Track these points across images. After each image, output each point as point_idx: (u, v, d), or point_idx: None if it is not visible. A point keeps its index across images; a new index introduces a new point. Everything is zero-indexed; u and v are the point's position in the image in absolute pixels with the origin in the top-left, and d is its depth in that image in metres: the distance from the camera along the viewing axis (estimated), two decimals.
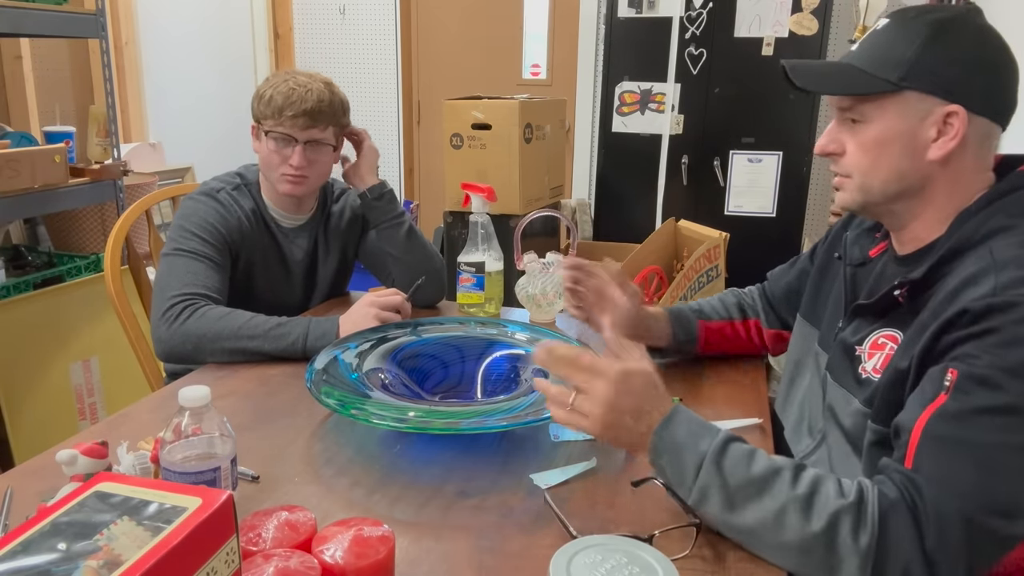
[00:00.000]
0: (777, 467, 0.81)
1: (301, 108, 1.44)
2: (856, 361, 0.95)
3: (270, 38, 4.04)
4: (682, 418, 0.85)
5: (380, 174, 1.65)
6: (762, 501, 0.79)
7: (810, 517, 0.77)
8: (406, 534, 0.85)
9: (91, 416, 2.38)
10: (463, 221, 2.95)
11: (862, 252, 1.05)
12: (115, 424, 1.12)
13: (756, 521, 0.79)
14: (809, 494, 0.78)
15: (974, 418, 0.75)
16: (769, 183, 3.16)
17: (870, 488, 0.78)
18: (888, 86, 0.88)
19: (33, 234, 2.63)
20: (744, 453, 0.82)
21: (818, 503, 0.77)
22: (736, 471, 0.80)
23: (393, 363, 1.21)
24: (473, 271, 1.58)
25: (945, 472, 0.75)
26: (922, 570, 0.73)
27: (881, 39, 0.91)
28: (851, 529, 0.75)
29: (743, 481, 0.80)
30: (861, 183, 0.93)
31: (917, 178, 0.90)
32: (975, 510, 0.73)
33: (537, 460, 1.02)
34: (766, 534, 0.79)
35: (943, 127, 0.87)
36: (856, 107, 0.91)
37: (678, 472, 0.83)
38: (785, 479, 0.79)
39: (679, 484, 0.84)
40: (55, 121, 2.67)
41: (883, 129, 0.89)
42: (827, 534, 0.76)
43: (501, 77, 3.98)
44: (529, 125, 2.87)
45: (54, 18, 2.18)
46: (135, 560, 0.50)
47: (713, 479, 0.81)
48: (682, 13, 3.09)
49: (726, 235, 2.57)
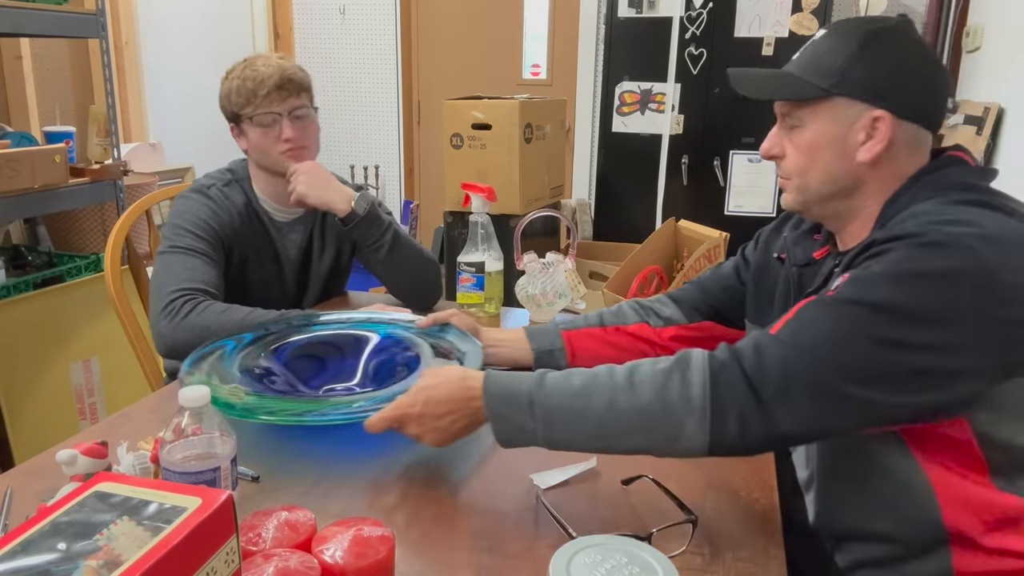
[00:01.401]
0: (594, 371, 0.88)
1: (272, 84, 1.45)
2: None
3: (270, 38, 4.04)
4: (496, 376, 0.91)
5: (381, 175, 1.64)
6: (592, 401, 0.85)
7: (636, 393, 0.84)
8: (406, 534, 0.85)
9: (91, 416, 2.38)
10: (463, 221, 2.95)
11: (805, 253, 1.07)
12: (115, 424, 1.12)
13: (597, 421, 0.85)
14: (628, 373, 0.86)
15: (844, 305, 0.81)
16: (769, 183, 3.16)
17: (698, 354, 0.84)
18: (820, 92, 0.93)
19: (33, 234, 2.63)
20: (561, 375, 0.89)
21: (638, 379, 0.84)
22: (561, 389, 0.87)
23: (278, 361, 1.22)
24: (473, 271, 1.58)
25: (801, 338, 0.81)
26: (759, 418, 0.79)
27: (818, 48, 0.96)
28: (678, 389, 0.82)
29: (570, 393, 0.86)
30: (799, 184, 0.98)
31: (849, 179, 0.94)
32: (822, 370, 0.79)
33: (537, 460, 1.02)
34: (610, 429, 0.85)
35: (871, 131, 0.91)
36: (793, 112, 0.96)
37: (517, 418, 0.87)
38: (602, 375, 0.87)
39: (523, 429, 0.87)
40: (55, 121, 2.67)
41: (816, 133, 0.94)
42: (658, 400, 0.82)
43: (501, 77, 3.98)
44: (529, 125, 2.87)
45: (54, 18, 2.18)
46: (135, 560, 0.50)
47: (545, 405, 0.86)
48: (682, 13, 3.09)
49: (726, 235, 2.57)
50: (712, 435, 0.81)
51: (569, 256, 1.62)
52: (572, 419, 0.86)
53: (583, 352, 1.23)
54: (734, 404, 0.80)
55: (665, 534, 0.82)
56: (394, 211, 4.11)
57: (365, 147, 4.19)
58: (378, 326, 1.32)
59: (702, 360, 0.83)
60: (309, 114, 1.52)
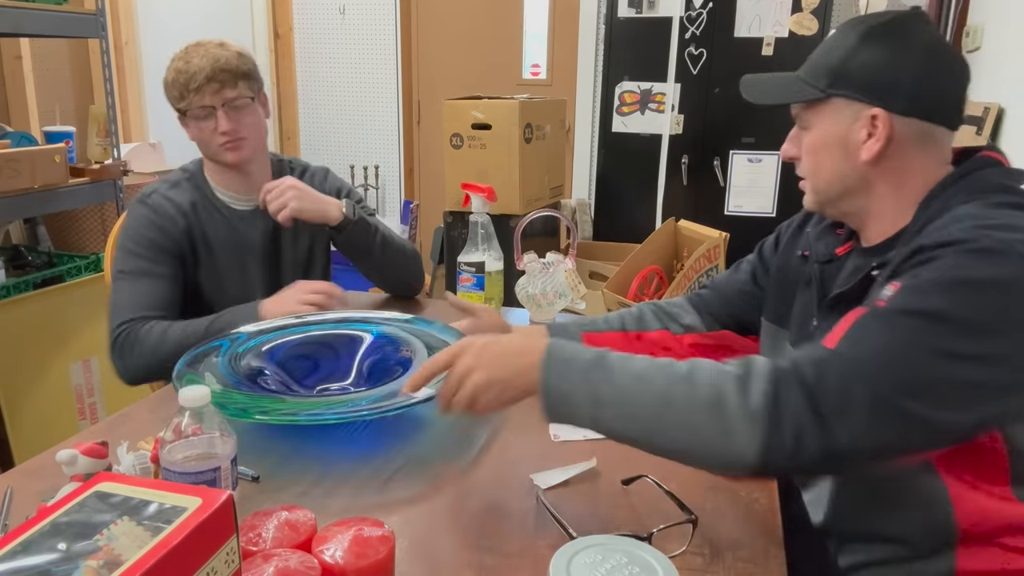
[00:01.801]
0: (654, 359, 0.85)
1: (202, 77, 1.42)
2: None
3: (270, 38, 4.04)
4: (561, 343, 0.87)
5: (381, 175, 1.64)
6: (648, 388, 0.81)
7: (695, 388, 0.79)
8: (406, 534, 0.85)
9: (91, 416, 2.38)
10: (463, 221, 2.95)
11: (828, 249, 1.06)
12: (115, 424, 1.12)
13: (653, 404, 0.80)
14: (689, 368, 0.82)
15: (900, 317, 0.79)
16: (769, 183, 3.16)
17: (761, 361, 0.81)
18: (818, 93, 0.93)
19: (33, 234, 2.62)
20: (623, 355, 0.85)
21: (699, 375, 0.81)
22: (622, 367, 0.83)
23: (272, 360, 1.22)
24: (473, 271, 1.58)
25: (862, 351, 0.78)
26: (816, 433, 0.75)
27: (822, 48, 0.96)
28: (737, 394, 0.78)
29: (630, 374, 0.82)
30: (812, 185, 0.99)
31: (856, 178, 0.94)
32: (886, 388, 0.75)
33: (537, 460, 1.02)
34: (660, 419, 0.80)
35: (871, 129, 0.91)
36: (801, 115, 0.97)
37: (568, 381, 0.83)
38: (663, 363, 0.83)
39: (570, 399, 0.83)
40: (55, 121, 2.67)
41: (820, 134, 0.95)
42: (715, 401, 0.78)
43: (501, 77, 3.98)
44: (529, 125, 2.87)
45: (54, 18, 2.18)
46: (135, 560, 0.50)
47: (600, 378, 0.82)
48: (682, 13, 3.09)
49: (726, 235, 2.57)
50: (765, 446, 0.76)
51: (569, 256, 1.61)
52: (625, 400, 0.81)
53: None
54: (791, 416, 0.76)
55: (665, 534, 0.82)
56: (394, 211, 4.11)
57: (365, 147, 4.19)
58: (371, 325, 1.32)
59: (765, 368, 0.80)
60: (246, 104, 1.47)
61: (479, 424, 1.13)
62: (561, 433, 1.08)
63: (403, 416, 1.15)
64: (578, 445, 1.06)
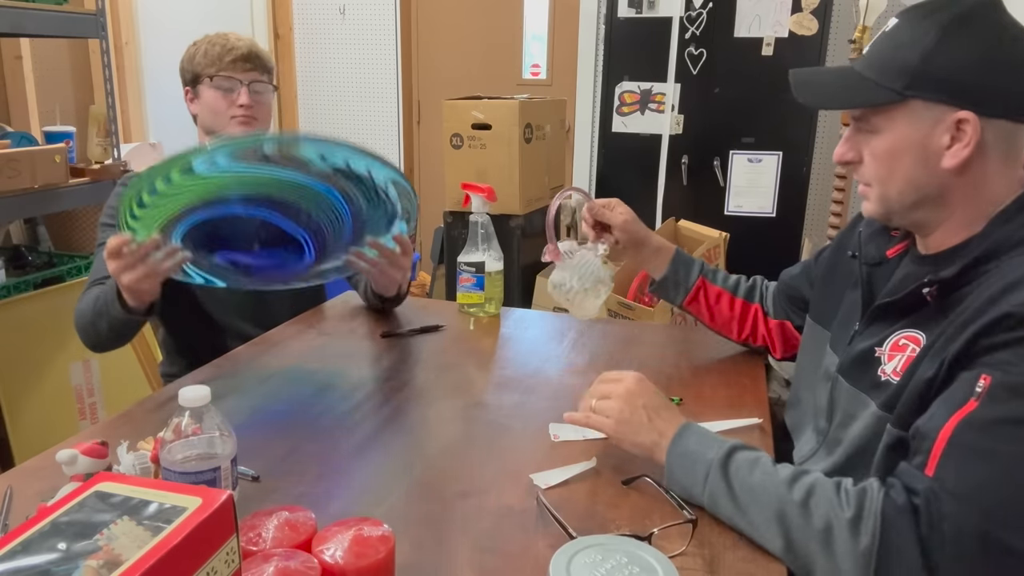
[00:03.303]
0: (776, 473, 0.83)
1: (240, 53, 1.55)
2: (875, 363, 0.92)
3: (270, 38, 4.04)
4: (692, 430, 0.92)
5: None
6: (762, 505, 0.82)
7: (809, 520, 0.78)
8: (406, 534, 0.85)
9: (91, 416, 2.38)
10: (463, 221, 2.95)
11: (878, 251, 1.02)
12: (115, 424, 1.12)
13: (760, 523, 0.82)
14: (805, 498, 0.80)
15: (1004, 428, 0.73)
16: (769, 183, 3.16)
17: (875, 492, 0.77)
18: (893, 96, 0.85)
19: (33, 234, 2.62)
20: (748, 461, 0.86)
21: (815, 507, 0.79)
22: (739, 476, 0.85)
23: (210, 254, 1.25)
24: (473, 271, 1.58)
25: (969, 484, 0.73)
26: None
27: (888, 42, 0.88)
28: (848, 533, 0.76)
29: (744, 486, 0.84)
30: (880, 193, 0.91)
31: (934, 187, 0.87)
32: (995, 525, 0.71)
33: (537, 460, 1.02)
34: (770, 536, 0.81)
35: (956, 134, 0.83)
36: (866, 117, 0.89)
37: (690, 478, 0.89)
38: (783, 484, 0.81)
39: (691, 488, 0.89)
40: (55, 121, 2.67)
41: (894, 140, 0.87)
42: (824, 537, 0.77)
43: (501, 77, 3.98)
44: (529, 125, 2.87)
45: (54, 18, 2.17)
46: (135, 560, 0.50)
47: (719, 485, 0.86)
48: (682, 13, 3.09)
49: (726, 235, 2.57)
50: None
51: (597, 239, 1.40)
52: (736, 508, 0.84)
53: (701, 303, 1.33)
54: (899, 563, 0.73)
55: (665, 534, 0.82)
56: None
57: None
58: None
59: (877, 508, 0.75)
60: (267, 91, 1.60)
61: (479, 424, 1.13)
62: (561, 433, 1.08)
63: (403, 417, 1.15)
64: (578, 445, 1.06)
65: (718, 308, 1.33)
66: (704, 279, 1.32)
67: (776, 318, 1.30)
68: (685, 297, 1.32)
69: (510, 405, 1.19)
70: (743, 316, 1.32)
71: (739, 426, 1.10)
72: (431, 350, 1.43)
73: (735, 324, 1.33)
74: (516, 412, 1.17)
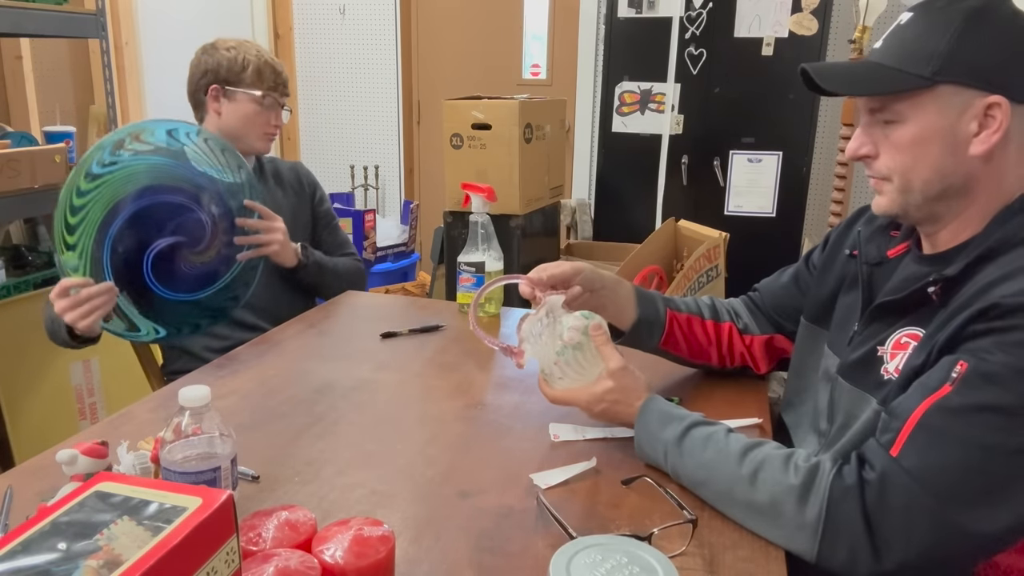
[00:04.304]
0: (728, 448, 0.90)
1: (284, 79, 1.71)
2: (878, 363, 0.92)
3: (270, 38, 4.04)
4: (651, 409, 0.99)
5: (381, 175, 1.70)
6: (714, 480, 0.89)
7: (755, 494, 0.85)
8: (406, 534, 0.85)
9: (91, 416, 2.38)
10: (463, 221, 2.95)
11: (879, 251, 1.01)
12: (115, 424, 1.12)
13: (716, 496, 0.90)
14: (754, 472, 0.86)
15: (974, 415, 0.75)
16: (769, 183, 3.16)
17: (827, 466, 0.82)
18: (921, 82, 0.83)
19: (33, 234, 2.62)
20: (702, 438, 0.93)
21: (761, 482, 0.84)
22: (693, 455, 0.92)
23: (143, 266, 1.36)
24: (473, 271, 1.58)
25: (930, 467, 0.76)
26: (869, 553, 0.77)
27: (908, 33, 0.87)
28: (796, 505, 0.81)
29: (698, 464, 0.91)
30: (902, 184, 0.89)
31: (960, 175, 0.86)
32: (952, 508, 0.74)
33: (537, 460, 1.02)
34: (727, 507, 0.89)
35: (984, 120, 0.83)
36: (889, 107, 0.87)
37: (655, 456, 0.97)
38: (732, 459, 0.88)
39: (655, 461, 0.98)
40: (55, 121, 2.67)
41: (920, 127, 0.85)
42: (771, 510, 0.83)
43: (501, 77, 3.98)
44: (529, 125, 2.87)
45: (54, 18, 2.17)
46: (135, 560, 0.50)
47: (677, 461, 0.94)
48: (682, 13, 3.09)
49: (726, 235, 2.57)
50: (820, 555, 0.79)
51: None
52: (693, 483, 0.92)
53: (678, 336, 1.23)
54: (846, 536, 0.77)
55: (665, 534, 0.82)
56: (394, 211, 4.11)
57: (365, 147, 4.19)
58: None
59: (825, 482, 0.80)
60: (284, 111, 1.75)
61: (479, 424, 1.13)
62: (561, 433, 1.08)
63: (403, 417, 1.15)
64: (578, 445, 1.06)
65: (693, 336, 1.23)
66: (670, 310, 1.21)
67: (762, 333, 1.23)
68: (661, 336, 1.20)
69: (510, 405, 1.19)
70: (718, 338, 1.24)
71: (739, 426, 1.09)
72: (431, 350, 1.43)
73: (713, 349, 1.24)
74: (516, 412, 1.17)
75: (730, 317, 1.25)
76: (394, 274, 3.68)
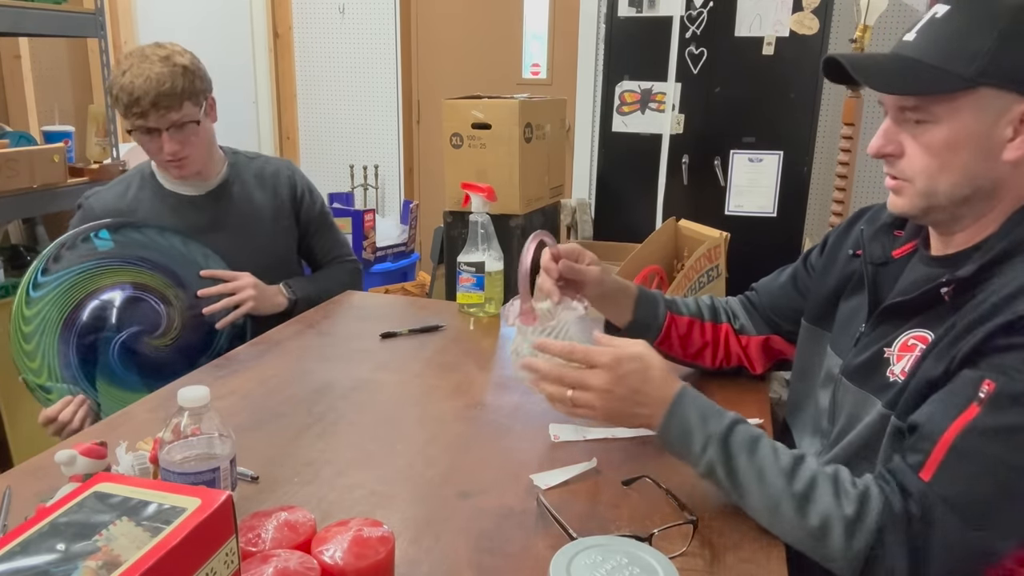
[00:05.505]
0: (777, 459, 0.84)
1: (146, 103, 1.42)
2: (884, 364, 0.91)
3: (270, 38, 4.04)
4: (689, 399, 0.89)
5: (381, 174, 1.68)
6: (761, 489, 0.83)
7: (805, 515, 0.80)
8: (406, 534, 0.85)
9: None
10: (463, 221, 2.94)
11: (884, 251, 0.99)
12: (114, 424, 1.12)
13: (757, 504, 0.84)
14: (805, 492, 0.81)
15: (1006, 437, 0.74)
16: (770, 183, 3.16)
17: (876, 497, 0.79)
18: (963, 82, 0.80)
19: (32, 234, 2.62)
20: (747, 441, 0.86)
21: (812, 506, 0.80)
22: (739, 458, 0.85)
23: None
24: (473, 271, 1.58)
25: (963, 495, 0.74)
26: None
27: (948, 28, 0.82)
28: (844, 534, 0.78)
29: (746, 468, 0.84)
30: (926, 187, 0.85)
31: (988, 180, 0.83)
32: (986, 532, 0.74)
33: (537, 460, 1.02)
34: (765, 518, 0.84)
35: (1019, 126, 0.80)
36: (924, 107, 0.83)
37: (687, 446, 0.88)
38: (784, 470, 0.83)
39: (687, 459, 0.89)
40: (54, 120, 2.67)
41: (955, 130, 0.82)
42: (819, 534, 0.79)
43: (501, 77, 3.98)
44: (529, 125, 2.87)
45: (53, 17, 2.17)
46: (134, 561, 0.50)
47: (718, 458, 0.85)
48: (682, 12, 3.09)
49: (726, 235, 2.56)
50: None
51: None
52: (735, 485, 0.85)
53: (673, 339, 1.22)
54: (887, 569, 0.77)
55: (666, 535, 0.81)
56: (394, 211, 4.11)
57: (365, 147, 4.18)
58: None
59: (875, 516, 0.77)
60: (189, 126, 1.49)
61: (479, 424, 1.13)
62: (561, 434, 1.08)
63: (403, 417, 1.15)
64: (578, 445, 1.06)
65: (690, 340, 1.23)
66: (671, 313, 1.21)
67: (759, 334, 1.22)
68: (656, 339, 1.20)
69: (510, 405, 1.19)
70: (715, 340, 1.23)
71: None
72: (431, 350, 1.43)
73: (708, 351, 1.24)
74: (516, 412, 1.17)
75: (727, 317, 1.25)
76: (394, 274, 3.68)
